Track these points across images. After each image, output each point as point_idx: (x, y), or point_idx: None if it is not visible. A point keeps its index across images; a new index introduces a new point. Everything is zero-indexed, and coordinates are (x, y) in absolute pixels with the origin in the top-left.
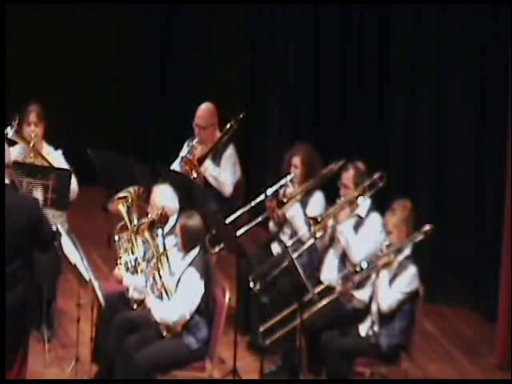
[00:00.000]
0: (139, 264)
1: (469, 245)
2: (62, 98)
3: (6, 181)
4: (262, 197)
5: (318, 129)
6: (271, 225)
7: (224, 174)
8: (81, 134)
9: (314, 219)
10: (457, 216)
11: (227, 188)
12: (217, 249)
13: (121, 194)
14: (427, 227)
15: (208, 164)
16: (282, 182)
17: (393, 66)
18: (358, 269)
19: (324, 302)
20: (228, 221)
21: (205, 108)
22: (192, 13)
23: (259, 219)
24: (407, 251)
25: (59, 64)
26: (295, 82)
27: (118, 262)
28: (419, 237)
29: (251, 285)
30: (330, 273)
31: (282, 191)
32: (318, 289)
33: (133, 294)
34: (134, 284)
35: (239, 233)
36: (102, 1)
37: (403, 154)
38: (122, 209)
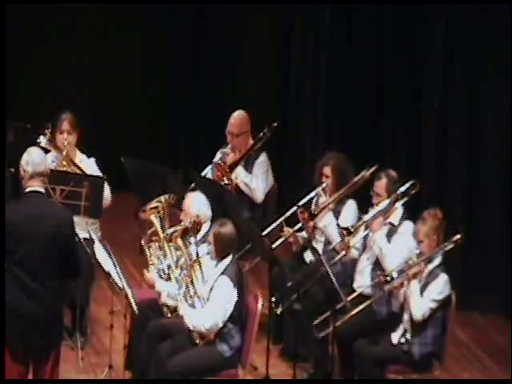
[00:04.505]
0: (172, 271)
1: (501, 253)
2: (94, 107)
3: (41, 189)
4: (294, 208)
5: (350, 137)
6: (304, 233)
7: (255, 181)
8: (113, 141)
9: (347, 229)
10: (489, 224)
11: (259, 195)
12: (252, 263)
13: (152, 205)
14: (457, 236)
15: (240, 171)
16: (314, 192)
17: (426, 74)
18: (388, 278)
19: (357, 309)
20: (263, 233)
21: (238, 115)
22: (226, 21)
23: (294, 230)
24: (438, 260)
25: (92, 72)
26: (328, 90)
27: (149, 264)
28: (449, 246)
29: (273, 306)
30: (362, 280)
31: (314, 201)
32: (351, 297)
33: (166, 301)
34: (167, 290)
35: (274, 244)
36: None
37: (435, 162)
38: (155, 220)
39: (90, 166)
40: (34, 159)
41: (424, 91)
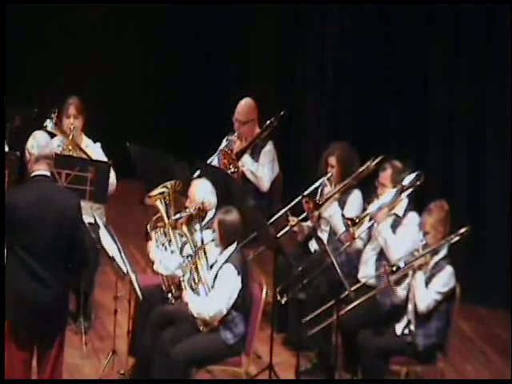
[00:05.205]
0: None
1: (507, 246)
2: (101, 92)
3: (47, 172)
4: (299, 198)
5: (356, 127)
6: (309, 222)
7: (262, 169)
8: (119, 127)
9: (352, 220)
10: (495, 217)
11: (265, 184)
12: (256, 251)
13: (158, 190)
14: (463, 229)
15: (246, 159)
16: (319, 182)
17: (432, 65)
18: (394, 268)
19: (361, 299)
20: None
21: (245, 103)
22: (232, 10)
23: (299, 219)
24: (443, 252)
25: (98, 58)
26: (333, 80)
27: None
28: (455, 238)
29: (278, 297)
30: (367, 270)
31: (319, 191)
32: (355, 287)
33: (157, 269)
34: (160, 258)
35: (279, 233)
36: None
37: (441, 153)
38: (160, 205)
39: (95, 150)
40: (40, 142)
41: (430, 82)
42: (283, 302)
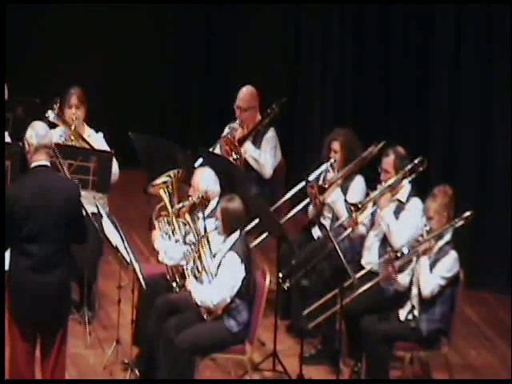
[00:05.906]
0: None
1: (510, 231)
2: (103, 82)
3: (47, 162)
4: (303, 183)
5: (359, 113)
6: (311, 209)
7: (264, 156)
8: (122, 116)
9: (355, 205)
10: (499, 202)
11: (267, 170)
12: (259, 238)
13: (161, 179)
14: (468, 213)
15: (248, 146)
16: (323, 167)
17: (437, 49)
18: (399, 254)
19: (365, 286)
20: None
21: (246, 90)
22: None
23: (302, 205)
24: (448, 237)
25: (100, 48)
26: (337, 65)
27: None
28: (460, 223)
29: (280, 281)
30: (370, 257)
31: (322, 177)
32: (359, 274)
33: (163, 259)
34: (165, 249)
35: (282, 218)
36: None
37: (445, 138)
38: (164, 195)
39: (98, 140)
40: (38, 131)
41: (435, 67)
42: (285, 288)
